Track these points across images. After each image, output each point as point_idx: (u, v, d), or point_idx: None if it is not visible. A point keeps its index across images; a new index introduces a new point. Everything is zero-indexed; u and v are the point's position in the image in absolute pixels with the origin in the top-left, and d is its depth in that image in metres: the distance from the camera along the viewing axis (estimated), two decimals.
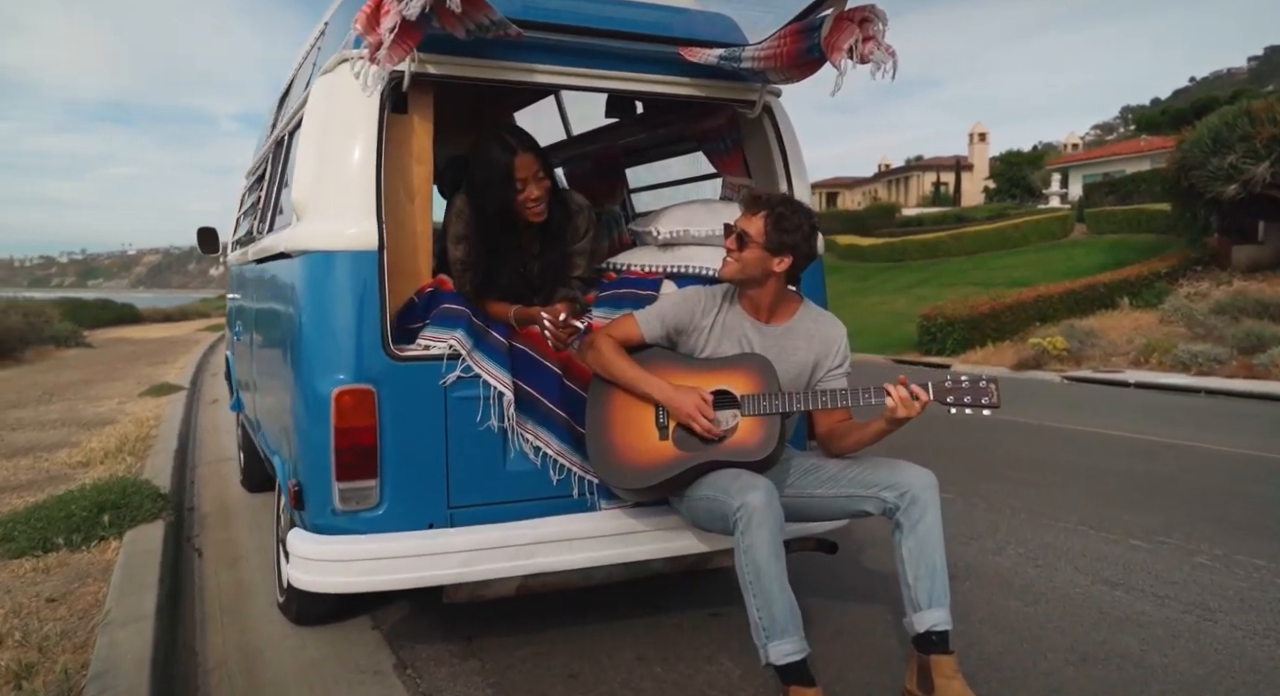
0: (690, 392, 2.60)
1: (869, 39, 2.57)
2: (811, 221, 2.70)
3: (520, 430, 2.78)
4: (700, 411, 2.57)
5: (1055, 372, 13.74)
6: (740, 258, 2.67)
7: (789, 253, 2.65)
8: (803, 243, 2.66)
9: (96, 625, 3.05)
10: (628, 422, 2.69)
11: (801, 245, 2.66)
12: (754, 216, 2.66)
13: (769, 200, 2.67)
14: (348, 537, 2.59)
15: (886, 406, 2.52)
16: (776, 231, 2.63)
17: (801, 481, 2.74)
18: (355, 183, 2.62)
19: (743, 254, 2.66)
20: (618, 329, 2.77)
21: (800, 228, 2.65)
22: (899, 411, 2.50)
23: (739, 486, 2.45)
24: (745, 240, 2.65)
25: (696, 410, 2.57)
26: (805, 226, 2.66)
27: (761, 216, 2.65)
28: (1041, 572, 3.98)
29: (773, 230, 2.63)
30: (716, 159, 3.62)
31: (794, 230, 2.64)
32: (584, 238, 3.06)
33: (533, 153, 2.81)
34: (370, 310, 2.61)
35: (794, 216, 2.64)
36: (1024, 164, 52.74)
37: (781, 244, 2.64)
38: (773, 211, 2.64)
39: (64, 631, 3.07)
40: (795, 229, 2.64)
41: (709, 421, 2.56)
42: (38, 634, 3.04)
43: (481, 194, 2.81)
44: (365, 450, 2.59)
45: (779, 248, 2.64)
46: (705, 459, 2.59)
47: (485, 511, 2.75)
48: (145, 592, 3.29)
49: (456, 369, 2.68)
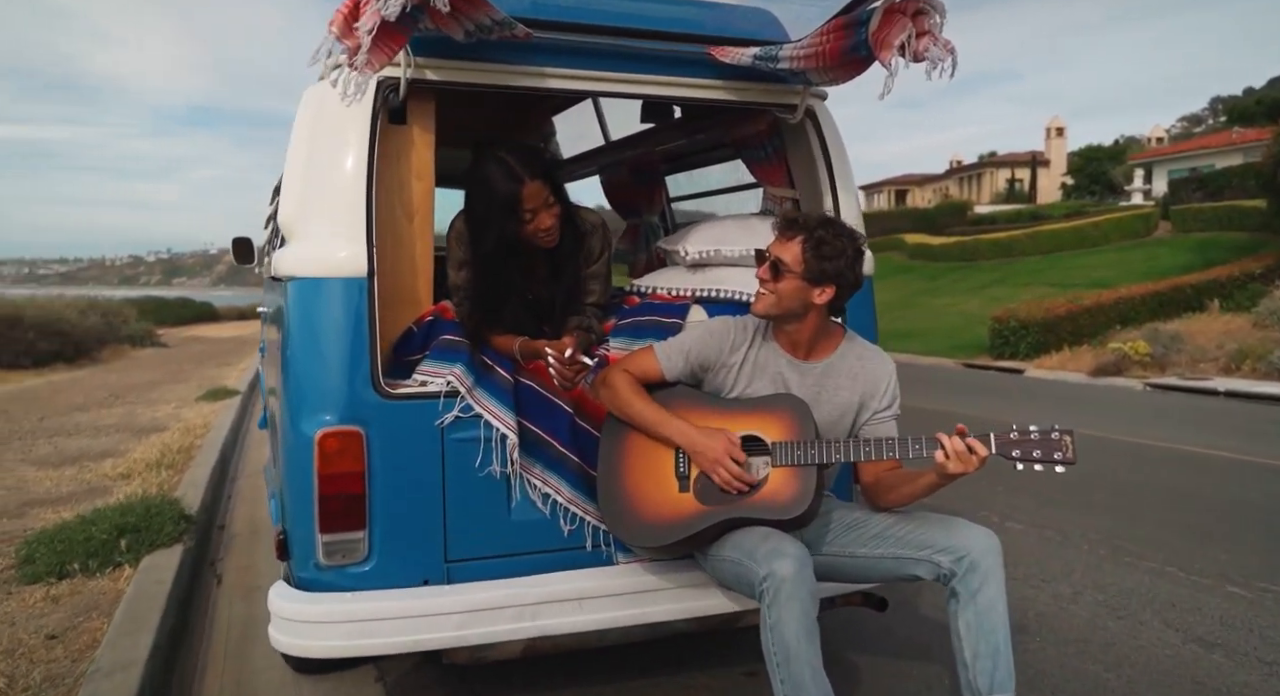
0: (717, 435, 2.29)
1: (924, 34, 2.23)
2: (857, 245, 2.36)
3: (527, 475, 2.50)
4: (728, 457, 2.25)
5: (1137, 379, 13.01)
6: (776, 290, 2.34)
7: (831, 282, 2.32)
8: (847, 270, 2.32)
9: (83, 675, 2.86)
10: (644, 470, 2.39)
11: (846, 273, 2.32)
12: (790, 241, 2.33)
13: (806, 222, 2.34)
14: (332, 596, 2.33)
15: (937, 460, 2.17)
16: (817, 258, 2.30)
17: (843, 538, 2.41)
18: (344, 202, 2.37)
19: (778, 285, 2.33)
20: (635, 363, 2.47)
21: (844, 253, 2.31)
22: (951, 467, 2.15)
23: (766, 551, 2.13)
24: (781, 269, 2.33)
25: (725, 455, 2.26)
26: (849, 251, 2.32)
27: (799, 241, 2.32)
28: (1124, 627, 3.56)
29: (812, 257, 2.30)
30: (756, 168, 3.29)
31: (837, 256, 2.30)
32: (598, 260, 2.76)
33: (542, 178, 2.51)
34: (359, 343, 2.35)
35: (836, 240, 2.31)
36: (1104, 159, 50.87)
37: (823, 273, 2.31)
38: (811, 235, 2.31)
39: (52, 676, 2.89)
40: (838, 255, 2.31)
41: (738, 470, 2.25)
42: (24, 679, 2.87)
43: (481, 226, 2.52)
44: (352, 498, 2.34)
45: (820, 277, 2.31)
46: (730, 515, 2.27)
47: (487, 566, 2.47)
48: (143, 633, 3.10)
49: (455, 408, 2.41)
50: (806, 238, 2.31)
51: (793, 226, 2.33)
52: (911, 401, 11.32)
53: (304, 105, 2.53)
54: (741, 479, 2.25)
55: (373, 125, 2.40)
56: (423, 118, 2.58)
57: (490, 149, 2.50)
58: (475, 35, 2.34)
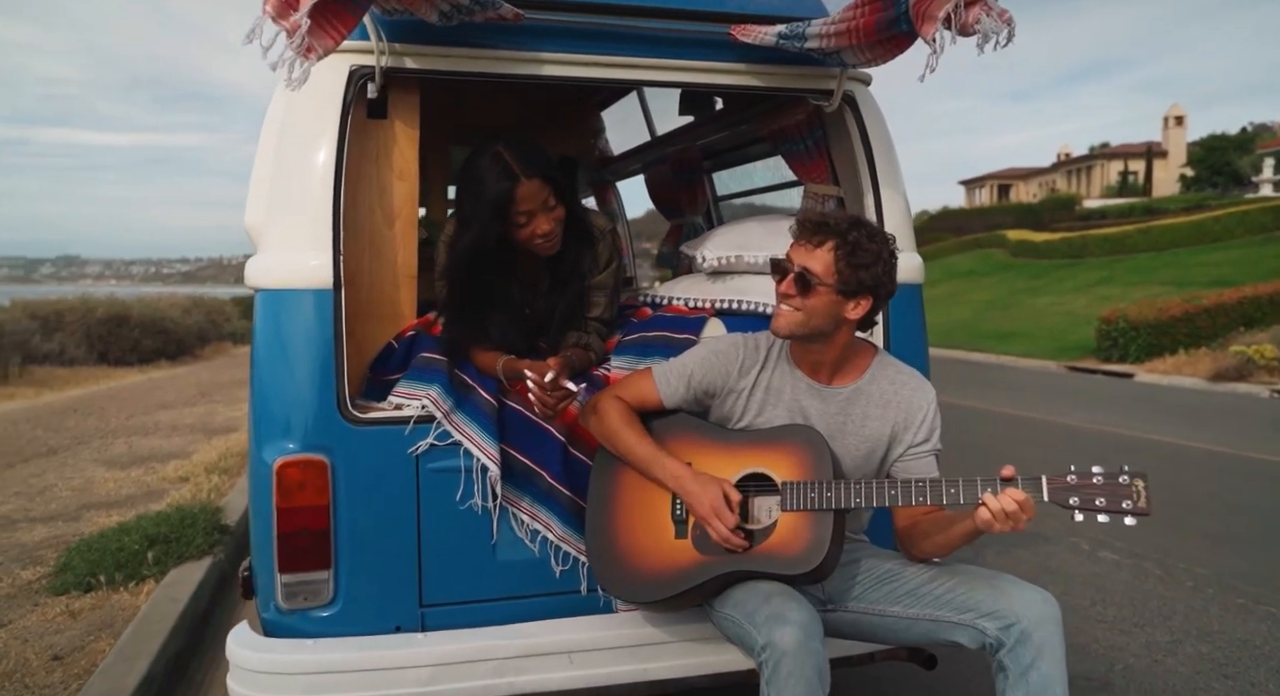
0: (710, 483, 1.97)
1: (974, 3, 1.86)
2: (891, 248, 2.01)
3: (514, 510, 2.23)
4: (717, 513, 1.94)
5: (1263, 385, 11.99)
6: (805, 306, 2.00)
7: (868, 293, 1.98)
8: (885, 277, 1.98)
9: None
10: (636, 511, 2.08)
11: (884, 281, 1.98)
12: (818, 248, 1.99)
13: (836, 225, 1.99)
14: (292, 644, 2.11)
15: (980, 520, 1.80)
16: (851, 267, 1.96)
17: (873, 592, 2.06)
18: (310, 205, 2.14)
19: (808, 301, 2.00)
20: (630, 388, 2.17)
21: (880, 258, 1.97)
22: (997, 527, 1.79)
23: (767, 616, 1.81)
24: (810, 282, 1.99)
25: (712, 511, 1.94)
26: (885, 255, 1.98)
27: (829, 248, 1.98)
28: (1233, 689, 3.07)
29: (846, 265, 1.96)
30: (796, 163, 2.94)
31: (872, 262, 1.96)
32: (606, 269, 2.46)
33: (541, 177, 2.22)
34: (324, 361, 2.11)
35: (871, 243, 1.96)
36: (1230, 148, 47.83)
37: (859, 283, 1.97)
38: (844, 240, 1.97)
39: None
40: (875, 260, 1.96)
41: (731, 524, 1.93)
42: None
43: (463, 226, 2.25)
44: (315, 535, 2.11)
45: (856, 288, 1.97)
46: (731, 569, 1.95)
47: (467, 612, 2.21)
48: (139, 660, 2.95)
49: (430, 434, 2.16)
50: (839, 242, 1.96)
51: (821, 230, 1.99)
52: (1008, 408, 10.78)
53: (275, 98, 2.32)
54: (734, 538, 1.94)
55: (343, 119, 2.16)
56: (405, 111, 2.33)
57: (488, 142, 2.23)
58: (455, 17, 2.07)
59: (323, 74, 2.17)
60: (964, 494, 1.84)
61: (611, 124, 4.97)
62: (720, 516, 1.93)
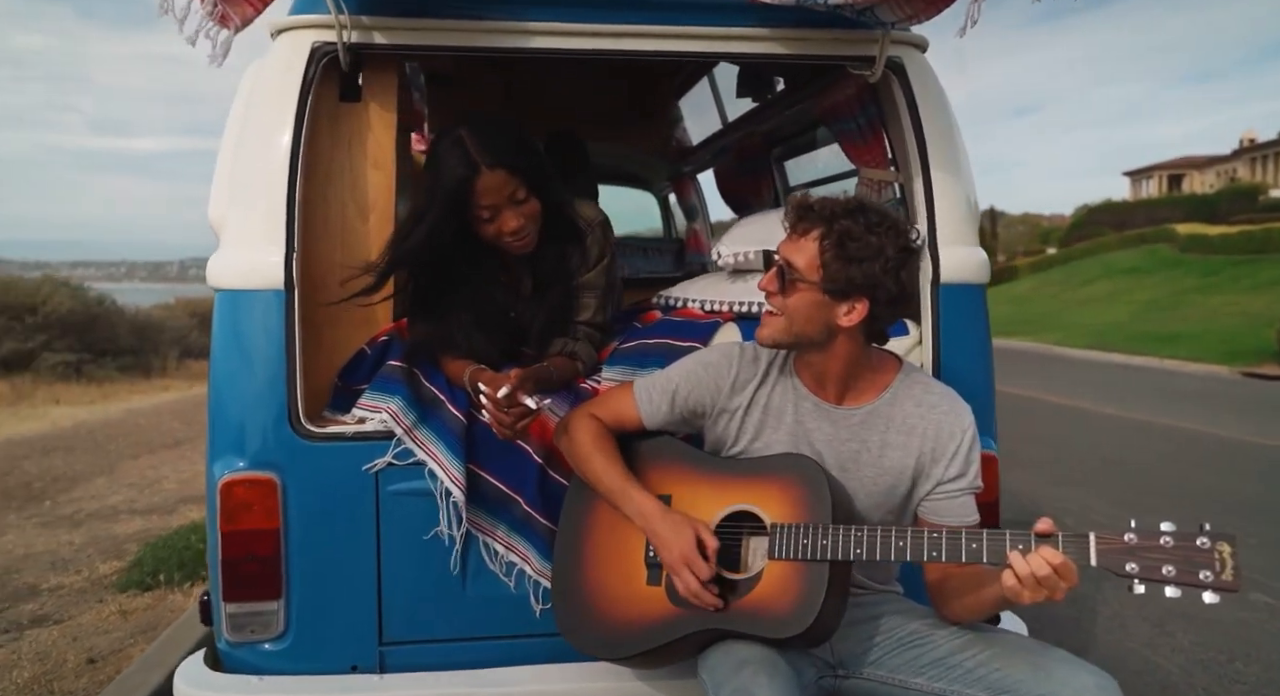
0: (683, 528, 1.65)
1: None
2: (905, 239, 1.63)
3: (488, 539, 1.97)
4: (687, 563, 1.62)
5: None
6: (786, 307, 1.66)
7: (862, 294, 1.62)
8: (885, 277, 1.60)
9: None
10: (607, 550, 1.78)
11: (884, 281, 1.60)
12: (803, 237, 1.65)
13: (822, 210, 1.63)
14: (238, 681, 1.92)
15: (1006, 586, 1.42)
16: (840, 260, 1.60)
17: (894, 657, 1.69)
18: (265, 196, 1.94)
19: (789, 301, 1.66)
20: (607, 405, 1.87)
21: (880, 254, 1.59)
22: (1026, 596, 1.40)
23: (732, 689, 1.48)
24: (790, 278, 1.65)
25: (681, 560, 1.62)
26: (889, 251, 1.60)
27: (814, 237, 1.63)
28: None
29: (834, 260, 1.60)
30: (849, 145, 2.56)
31: (870, 256, 1.59)
32: (595, 267, 2.16)
33: (507, 168, 1.91)
34: (272, 370, 1.92)
35: (869, 234, 1.60)
36: None
37: (849, 281, 1.60)
38: (831, 227, 1.61)
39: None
40: (872, 254, 1.59)
41: (703, 576, 1.60)
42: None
43: (419, 221, 1.96)
44: (264, 561, 1.91)
45: (846, 287, 1.61)
46: (708, 627, 1.63)
47: (432, 652, 1.97)
48: (155, 671, 2.87)
49: (389, 452, 1.93)
50: (825, 232, 1.61)
51: (806, 216, 1.64)
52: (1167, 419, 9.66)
53: (242, 81, 2.14)
54: (706, 595, 1.61)
55: (302, 102, 1.96)
56: (381, 93, 2.11)
57: (454, 125, 1.97)
58: None
59: (283, 52, 1.98)
60: (988, 550, 1.45)
61: (690, 113, 4.67)
62: (691, 566, 1.61)
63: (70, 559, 4.52)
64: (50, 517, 5.46)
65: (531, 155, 1.99)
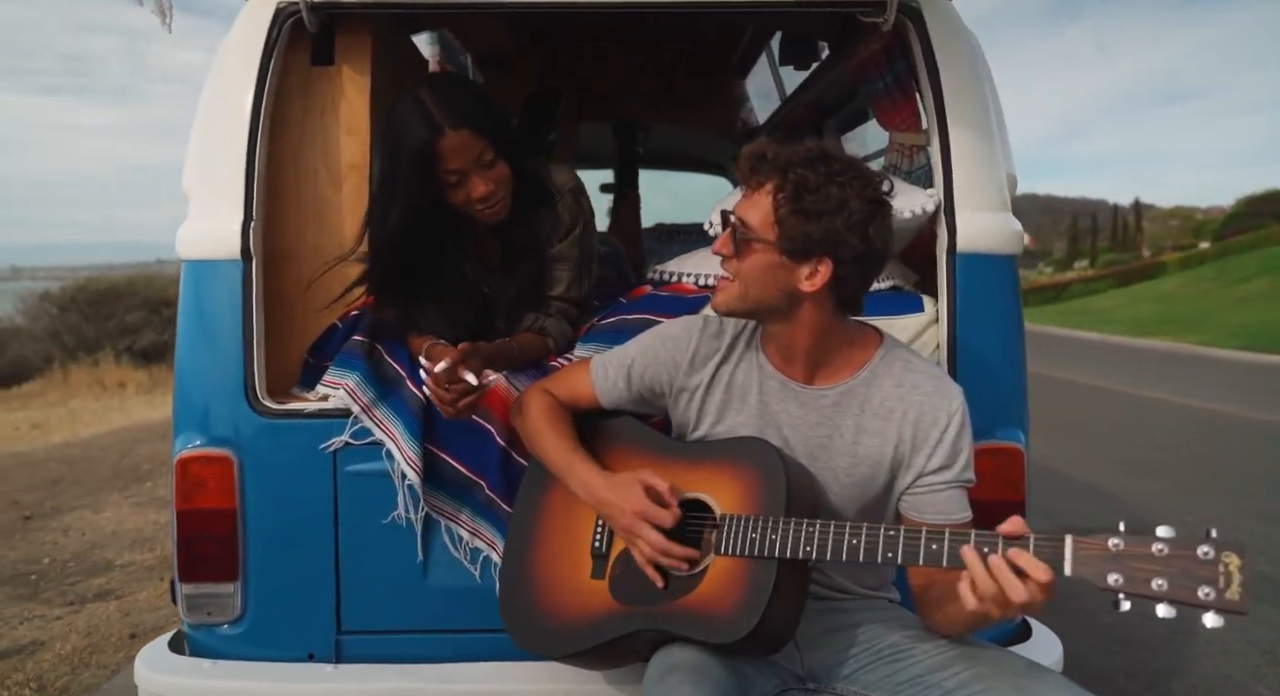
0: (628, 486, 1.47)
1: None
2: (873, 190, 1.40)
3: (451, 524, 1.85)
4: (644, 515, 1.43)
5: None
6: (740, 271, 1.46)
7: (824, 254, 1.40)
8: (849, 233, 1.37)
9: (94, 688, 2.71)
10: (556, 538, 1.62)
11: (847, 237, 1.38)
12: (757, 192, 1.44)
13: (776, 159, 1.42)
14: (191, 664, 1.86)
15: (960, 594, 1.19)
16: (795, 216, 1.39)
17: (870, 672, 1.47)
18: (225, 163, 1.87)
19: (743, 264, 1.46)
20: (563, 382, 1.71)
21: (842, 206, 1.37)
22: (986, 609, 1.17)
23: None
24: (743, 237, 1.45)
25: (637, 516, 1.43)
26: (852, 203, 1.37)
27: (767, 191, 1.42)
28: None
29: (789, 214, 1.39)
30: (878, 106, 2.32)
31: (831, 209, 1.37)
32: (567, 237, 1.98)
33: (472, 128, 1.76)
34: (228, 343, 1.85)
35: (830, 184, 1.37)
36: None
37: (808, 239, 1.39)
38: (786, 177, 1.40)
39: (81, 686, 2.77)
40: (834, 207, 1.37)
41: (658, 538, 1.42)
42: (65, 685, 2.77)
43: (388, 193, 1.84)
44: (220, 541, 1.84)
45: (804, 246, 1.40)
46: (643, 627, 1.45)
47: (390, 643, 1.86)
48: None
49: (346, 430, 1.82)
50: (779, 183, 1.40)
51: (759, 167, 1.43)
52: None
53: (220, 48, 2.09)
54: (675, 549, 1.42)
55: (264, 63, 1.88)
56: (355, 57, 2.01)
57: (414, 87, 1.85)
58: None
59: (248, 14, 1.91)
60: (949, 553, 1.22)
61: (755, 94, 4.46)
62: (648, 516, 1.42)
63: (150, 537, 4.68)
64: (146, 498, 5.69)
65: (496, 116, 1.85)
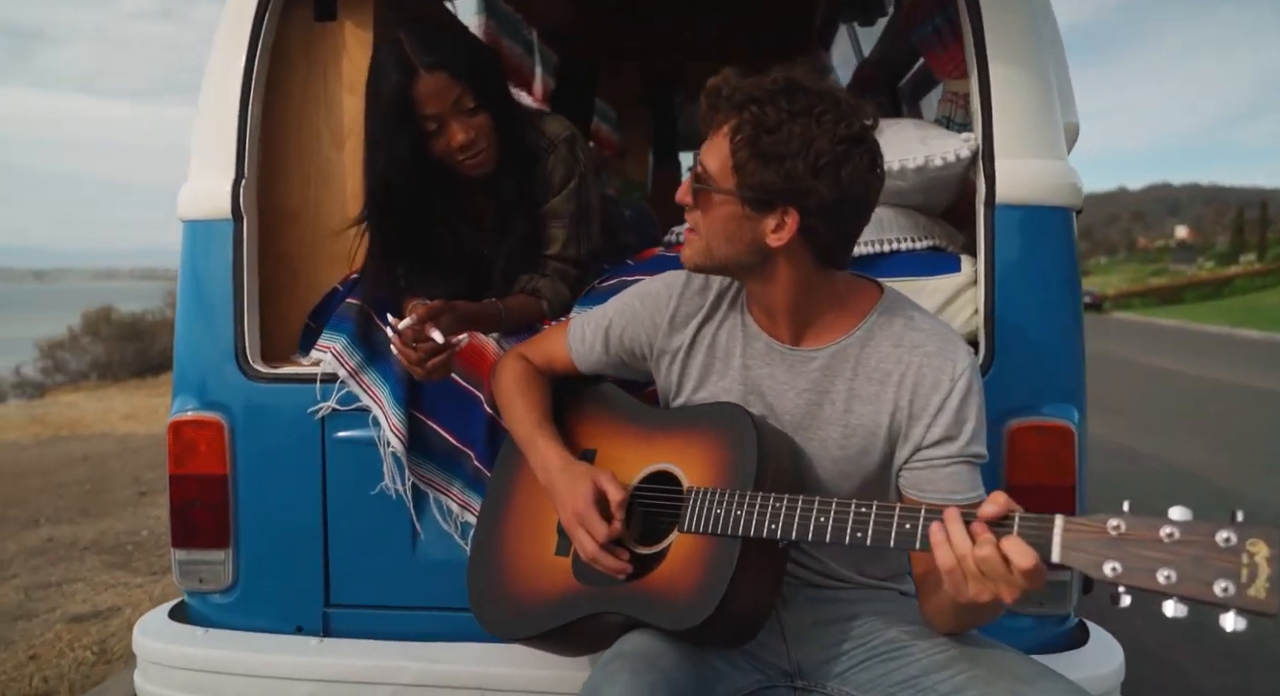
0: (580, 480, 1.34)
1: None
2: (846, 126, 1.19)
3: (441, 496, 1.76)
4: (581, 519, 1.30)
5: None
6: (699, 222, 1.30)
7: (788, 203, 1.22)
8: (816, 177, 1.18)
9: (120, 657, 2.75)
10: (526, 514, 1.50)
11: (813, 183, 1.18)
12: (717, 134, 1.26)
13: (738, 94, 1.22)
14: (185, 632, 1.82)
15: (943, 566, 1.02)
16: (755, 159, 1.20)
17: (864, 671, 1.30)
18: (219, 120, 1.83)
19: (706, 216, 1.29)
20: (540, 345, 1.58)
21: (808, 144, 1.17)
22: (959, 585, 1.00)
23: (590, 683, 1.17)
24: (701, 186, 1.28)
25: (575, 517, 1.31)
26: (820, 139, 1.18)
27: (725, 132, 1.25)
28: None
29: (748, 158, 1.21)
30: (930, 53, 2.13)
31: (794, 151, 1.18)
32: (561, 191, 1.85)
33: (449, 70, 1.66)
34: (219, 305, 1.80)
35: (792, 121, 1.18)
36: None
37: (766, 186, 1.21)
38: (742, 115, 1.22)
39: None
40: (797, 148, 1.18)
41: (600, 537, 1.28)
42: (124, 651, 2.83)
43: (372, 143, 1.75)
44: (212, 508, 1.80)
45: (765, 194, 1.21)
46: (601, 609, 1.31)
47: (378, 619, 1.78)
48: None
49: (333, 395, 1.75)
50: (737, 123, 1.22)
51: (717, 105, 1.25)
52: None
53: None
54: (606, 559, 1.29)
55: (258, 17, 1.82)
56: (357, 11, 1.94)
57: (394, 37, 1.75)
58: None
59: None
60: (921, 534, 1.04)
61: (839, 64, 4.25)
62: (585, 524, 1.30)
63: None
64: None
65: (478, 59, 1.74)
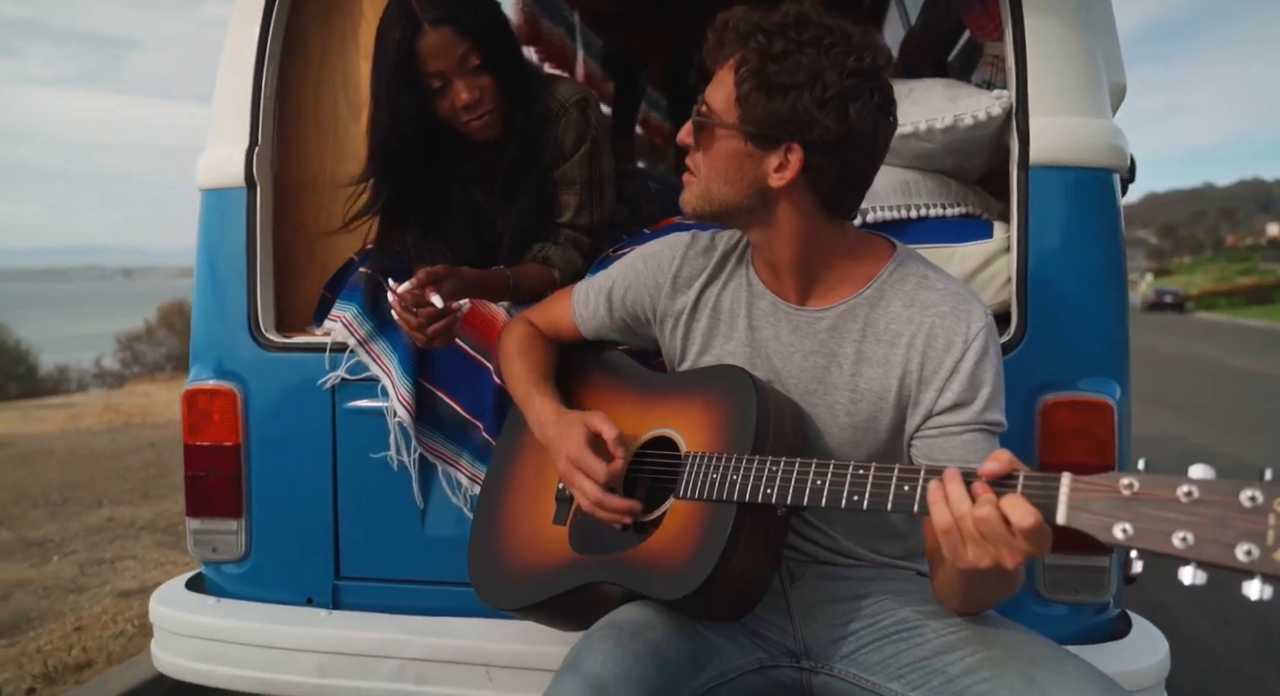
0: (573, 424, 1.28)
1: None
2: (856, 60, 1.12)
3: (450, 468, 1.72)
4: (577, 462, 1.24)
5: None
6: (699, 163, 1.23)
7: (792, 137, 1.14)
8: (823, 110, 1.11)
9: None
10: (527, 482, 1.45)
11: (818, 116, 1.11)
12: (722, 68, 1.20)
13: (745, 24, 1.15)
14: (197, 601, 1.82)
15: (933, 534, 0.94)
16: (759, 90, 1.14)
17: (873, 652, 1.22)
18: (235, 88, 1.83)
19: (705, 155, 1.22)
20: (545, 310, 1.53)
21: (816, 75, 1.10)
22: (956, 550, 0.92)
23: (572, 652, 1.12)
24: (703, 123, 1.22)
25: (570, 462, 1.25)
26: (829, 72, 1.10)
27: (731, 65, 1.18)
28: None
29: (752, 89, 1.14)
30: (969, 14, 2.02)
31: (800, 82, 1.11)
32: (572, 157, 1.80)
33: (454, 25, 1.61)
34: (233, 274, 1.80)
35: (799, 52, 1.11)
36: None
37: (771, 119, 1.14)
38: (748, 45, 1.15)
39: None
40: (805, 79, 1.11)
41: (600, 478, 1.22)
42: None
43: (375, 102, 1.72)
44: (225, 477, 1.79)
45: (768, 129, 1.15)
46: (595, 578, 1.25)
47: (386, 593, 1.75)
48: None
49: (342, 365, 1.73)
50: (743, 56, 1.16)
51: (723, 38, 1.18)
52: None
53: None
54: (611, 501, 1.21)
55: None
56: None
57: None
58: None
59: None
60: (920, 496, 0.96)
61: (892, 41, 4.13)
62: (582, 465, 1.23)
63: None
64: None
65: (487, 16, 1.69)
